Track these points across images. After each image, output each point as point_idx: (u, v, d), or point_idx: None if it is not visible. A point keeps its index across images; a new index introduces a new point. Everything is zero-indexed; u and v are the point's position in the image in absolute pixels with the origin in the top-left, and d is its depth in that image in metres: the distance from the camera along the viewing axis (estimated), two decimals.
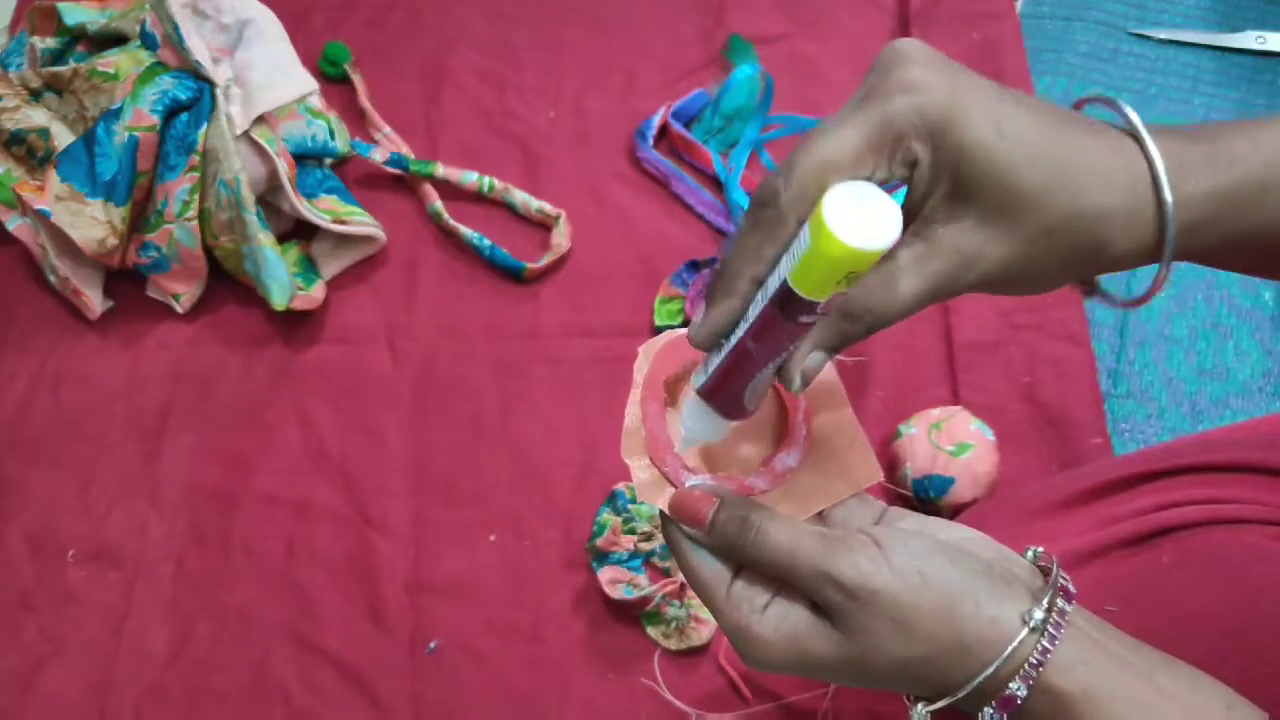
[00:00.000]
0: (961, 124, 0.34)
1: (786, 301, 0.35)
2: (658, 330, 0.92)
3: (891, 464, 0.85)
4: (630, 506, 0.84)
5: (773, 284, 0.36)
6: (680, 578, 0.81)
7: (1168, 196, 0.35)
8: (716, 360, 0.40)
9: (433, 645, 0.82)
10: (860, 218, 0.33)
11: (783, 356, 0.38)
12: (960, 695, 0.38)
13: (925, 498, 0.82)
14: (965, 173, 0.35)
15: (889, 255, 0.36)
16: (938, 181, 0.36)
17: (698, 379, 0.41)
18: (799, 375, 0.38)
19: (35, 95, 0.93)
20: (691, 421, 0.43)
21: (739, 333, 0.38)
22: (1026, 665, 0.37)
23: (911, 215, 0.37)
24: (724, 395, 0.41)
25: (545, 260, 0.95)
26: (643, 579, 0.82)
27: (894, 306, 0.37)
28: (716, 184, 0.99)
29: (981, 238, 0.36)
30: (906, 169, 0.35)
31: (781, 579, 0.39)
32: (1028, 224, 0.35)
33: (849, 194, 0.34)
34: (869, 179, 0.35)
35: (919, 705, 0.39)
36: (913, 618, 0.37)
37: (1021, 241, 0.36)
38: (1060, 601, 0.38)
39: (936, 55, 0.35)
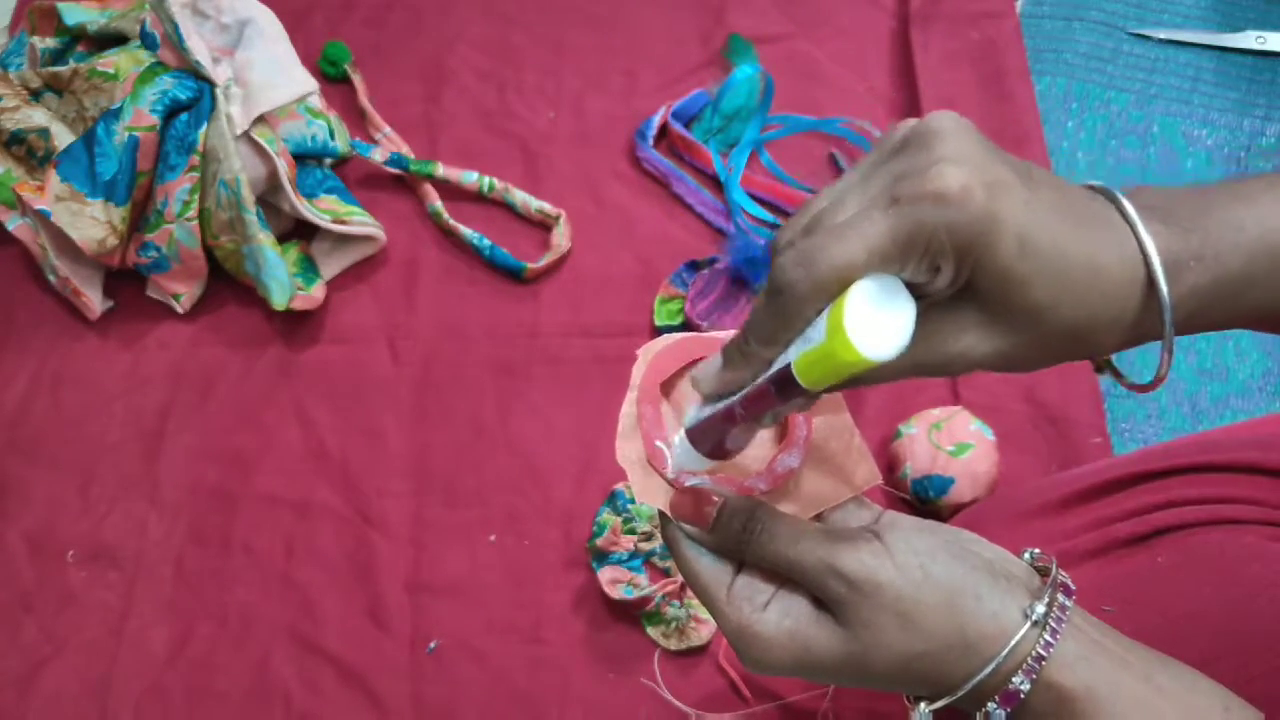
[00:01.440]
0: (989, 244, 0.33)
1: (785, 384, 0.36)
2: (658, 330, 0.92)
3: (891, 464, 0.85)
4: (630, 506, 0.84)
5: (776, 360, 0.36)
6: (680, 577, 0.81)
7: (1166, 301, 0.35)
8: (707, 412, 0.41)
9: (433, 645, 0.82)
10: (878, 322, 0.33)
11: (765, 416, 0.39)
12: (962, 693, 0.38)
13: (925, 498, 0.82)
14: (979, 284, 0.35)
15: None
16: (951, 286, 0.35)
17: (688, 420, 0.43)
18: (773, 416, 0.39)
19: (35, 95, 0.93)
20: (680, 454, 0.44)
21: (735, 395, 0.39)
22: (1029, 660, 0.37)
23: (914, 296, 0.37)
24: (706, 442, 0.42)
25: (545, 260, 0.95)
26: (643, 579, 0.82)
27: (877, 381, 0.37)
28: (716, 184, 0.99)
29: (977, 336, 0.36)
30: (928, 275, 0.35)
31: (785, 574, 0.39)
32: (1027, 331, 0.35)
33: (871, 293, 0.33)
34: None
35: (920, 705, 0.39)
36: (916, 612, 0.37)
37: (1016, 343, 0.36)
38: (1061, 597, 0.38)
39: (972, 143, 0.34)
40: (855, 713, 0.77)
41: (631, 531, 0.83)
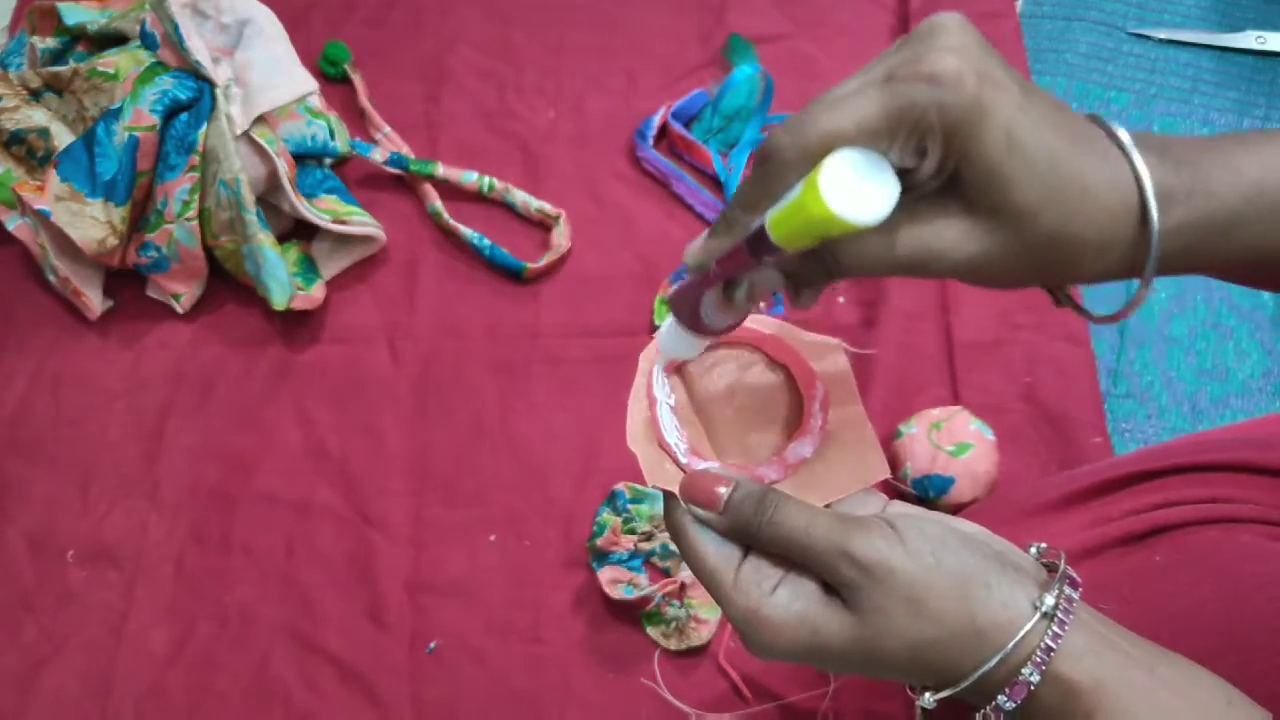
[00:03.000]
0: (976, 132, 0.34)
1: (758, 242, 0.36)
2: (658, 331, 0.92)
3: (891, 464, 0.85)
4: (630, 506, 0.84)
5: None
6: (681, 576, 0.81)
7: (1154, 227, 0.35)
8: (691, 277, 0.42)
9: (433, 645, 0.82)
10: (855, 187, 0.33)
11: (737, 279, 0.40)
12: (969, 682, 0.38)
13: (925, 498, 0.82)
14: (965, 176, 0.35)
15: None
16: (938, 174, 0.36)
17: (672, 289, 0.43)
18: (747, 285, 0.40)
19: (35, 95, 0.93)
20: (666, 339, 0.44)
21: None
22: (1038, 652, 0.37)
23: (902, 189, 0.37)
24: (683, 307, 0.42)
25: (545, 260, 0.95)
26: (643, 579, 0.82)
27: (856, 267, 0.37)
28: (716, 184, 0.99)
29: (962, 233, 0.36)
30: (914, 158, 0.35)
31: (796, 558, 0.39)
32: (1009, 235, 0.36)
33: (852, 160, 0.34)
34: None
35: (925, 694, 0.39)
36: (926, 597, 0.37)
37: (997, 247, 0.36)
38: (1068, 590, 0.38)
39: (972, 40, 0.35)
40: (855, 713, 0.77)
41: (631, 531, 0.83)
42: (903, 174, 0.35)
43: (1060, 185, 0.35)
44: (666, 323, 0.44)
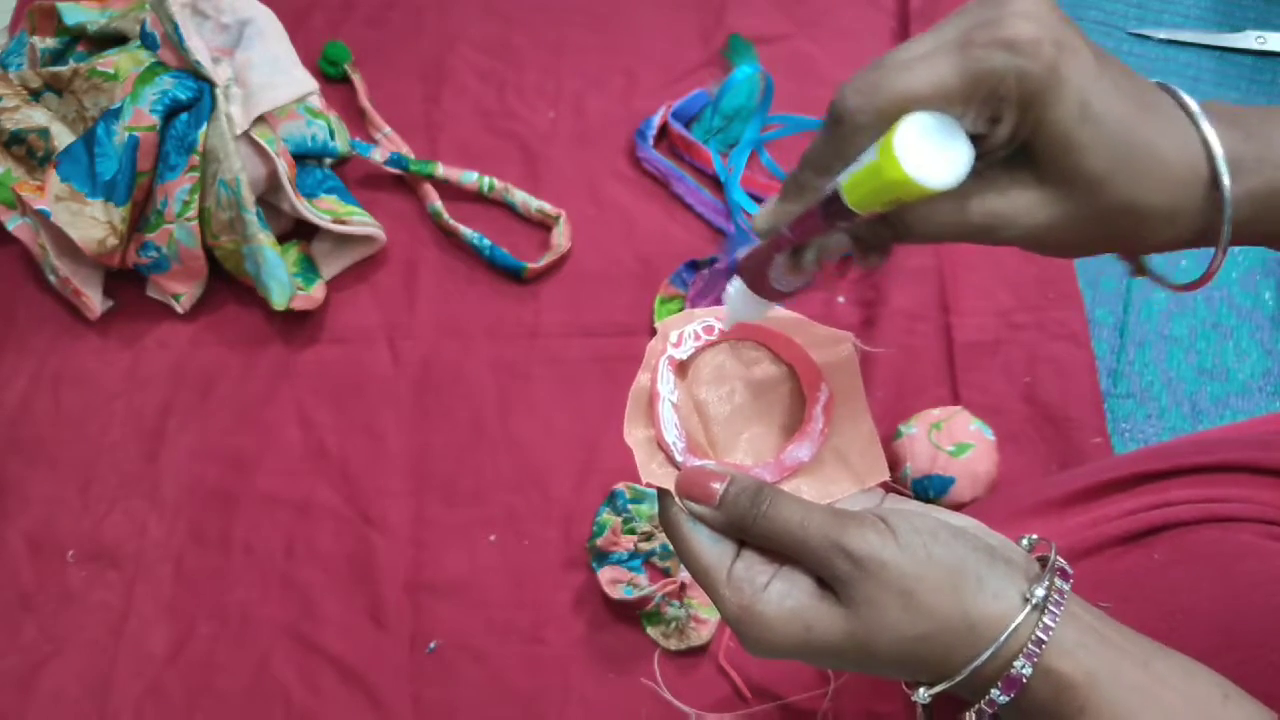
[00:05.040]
0: (1053, 100, 0.34)
1: (832, 206, 0.36)
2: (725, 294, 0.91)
3: (891, 464, 0.85)
4: (630, 506, 0.84)
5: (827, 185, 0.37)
6: (681, 576, 0.81)
7: (1226, 195, 0.36)
8: (758, 241, 0.41)
9: (433, 645, 0.82)
10: (930, 151, 0.33)
11: (808, 244, 0.40)
12: (962, 676, 0.38)
13: (925, 498, 0.82)
14: (1039, 143, 0.35)
15: None
16: (1010, 141, 0.36)
17: (740, 252, 0.43)
18: (817, 248, 0.40)
19: (35, 95, 0.93)
20: (733, 302, 0.44)
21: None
22: (1030, 644, 0.37)
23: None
24: (752, 270, 0.42)
25: (545, 260, 0.95)
26: (643, 579, 0.82)
27: (927, 232, 0.37)
28: (716, 184, 0.99)
29: (1032, 200, 0.36)
30: (987, 126, 0.35)
31: (790, 553, 0.39)
32: (1080, 203, 0.36)
33: (927, 124, 0.34)
34: None
35: (920, 689, 0.39)
36: (919, 590, 0.37)
37: (1069, 215, 0.36)
38: (1059, 581, 0.38)
39: (1047, 5, 0.35)
40: (855, 713, 0.77)
41: (631, 531, 0.83)
42: (974, 140, 0.35)
43: (1131, 153, 0.35)
44: (733, 286, 0.43)
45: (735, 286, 0.43)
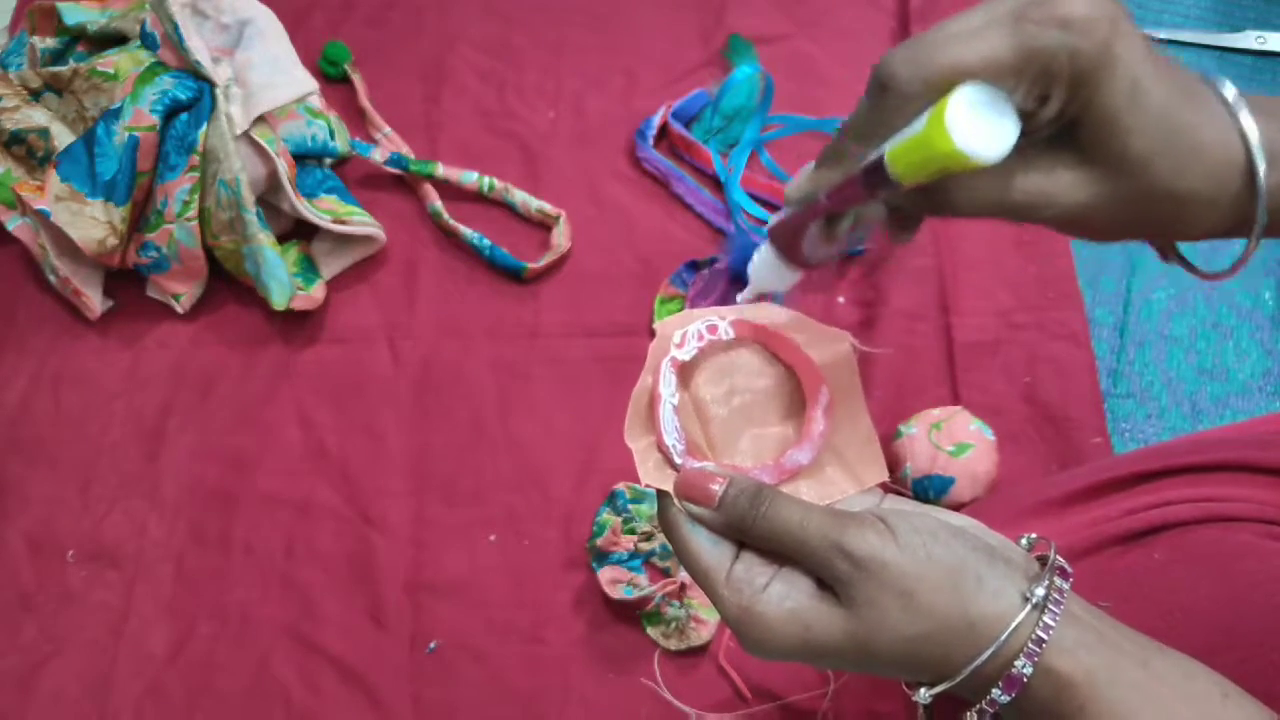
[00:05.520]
0: (1104, 81, 0.34)
1: (874, 175, 0.36)
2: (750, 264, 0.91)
3: (891, 464, 0.85)
4: (630, 506, 0.84)
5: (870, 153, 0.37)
6: (681, 576, 0.81)
7: (1262, 185, 0.36)
8: (791, 209, 0.41)
9: (433, 645, 0.82)
10: (979, 124, 0.33)
11: (844, 213, 0.39)
12: (963, 676, 0.38)
13: (925, 498, 0.82)
14: (1086, 124, 0.35)
15: None
16: (1057, 119, 0.36)
17: (772, 219, 0.42)
18: (854, 217, 0.40)
19: (35, 95, 0.93)
20: (760, 270, 0.44)
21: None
22: (1030, 643, 0.37)
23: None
24: (785, 237, 0.42)
25: (545, 260, 0.95)
26: (643, 579, 0.82)
27: (968, 207, 0.37)
28: (716, 184, 0.99)
29: (1074, 179, 0.36)
30: (1035, 103, 0.35)
31: (790, 553, 0.39)
32: (1122, 186, 0.36)
33: (977, 97, 0.33)
34: None
35: (921, 690, 0.39)
36: (919, 590, 0.37)
37: (1109, 198, 0.36)
38: (1058, 580, 0.38)
39: None
40: (855, 713, 0.77)
41: (631, 531, 0.83)
42: (1020, 116, 0.35)
43: (1175, 138, 0.35)
44: (760, 254, 0.43)
45: (763, 254, 0.43)
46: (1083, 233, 0.38)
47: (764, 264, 0.43)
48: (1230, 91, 0.36)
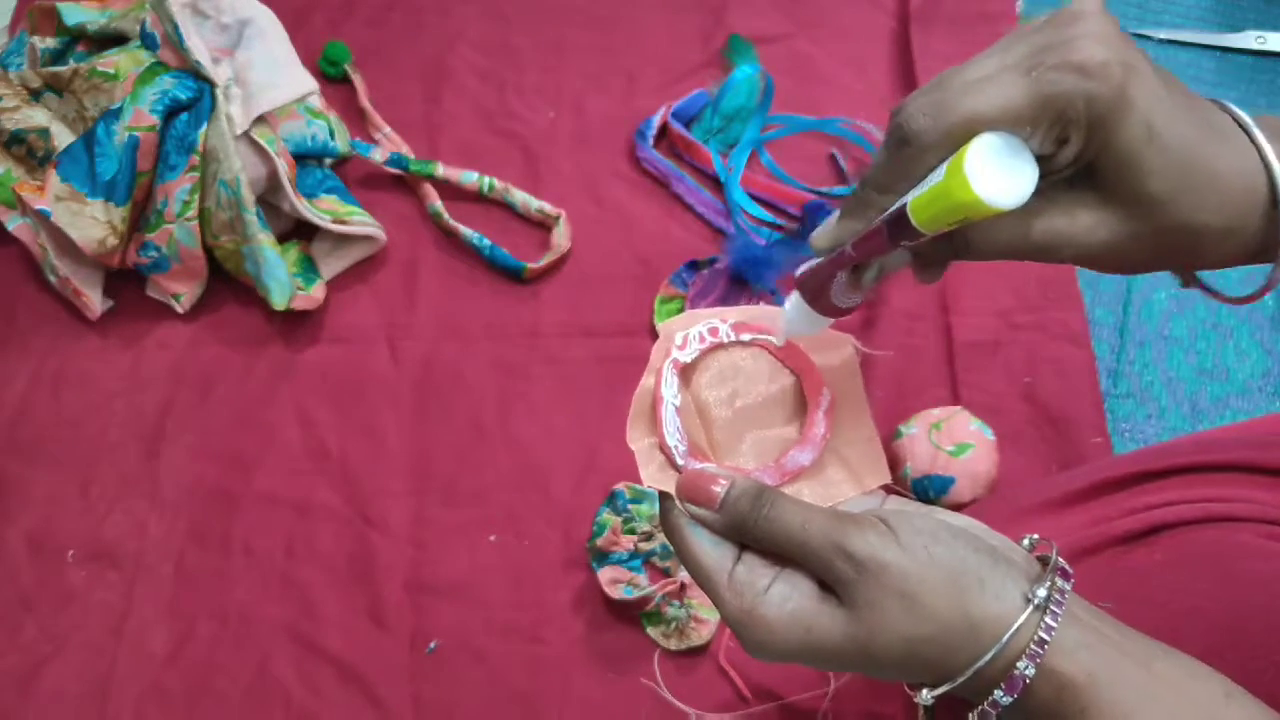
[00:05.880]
0: (1120, 124, 0.35)
1: (898, 225, 0.36)
2: (657, 332, 0.92)
3: (892, 464, 0.85)
4: (630, 506, 0.84)
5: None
6: (681, 576, 0.81)
7: None
8: (817, 260, 0.42)
9: (433, 645, 0.82)
10: (999, 173, 0.33)
11: (870, 262, 0.40)
12: (965, 677, 0.38)
13: (925, 498, 0.82)
14: (1104, 165, 0.36)
15: None
16: (1075, 162, 0.36)
17: (799, 270, 0.43)
18: (878, 267, 0.41)
19: (35, 95, 0.93)
20: (791, 318, 0.44)
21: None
22: (1032, 644, 0.37)
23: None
24: (813, 287, 0.42)
25: (545, 260, 0.95)
26: (643, 579, 0.82)
27: (990, 250, 0.38)
28: (716, 184, 0.99)
29: (1094, 220, 0.37)
30: (1053, 146, 0.36)
31: (791, 555, 0.39)
32: (1142, 224, 0.36)
33: (995, 145, 0.34)
34: None
35: (923, 691, 0.39)
36: (920, 592, 0.37)
37: (1129, 235, 0.37)
38: (1060, 581, 0.38)
39: (1114, 27, 0.35)
40: (855, 713, 0.77)
41: (631, 531, 0.83)
42: (1038, 160, 0.35)
43: (1193, 174, 0.35)
44: (790, 303, 0.44)
45: (793, 302, 0.44)
46: (1103, 269, 0.38)
47: (794, 313, 0.44)
48: (1248, 119, 0.37)
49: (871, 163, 0.38)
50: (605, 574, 0.81)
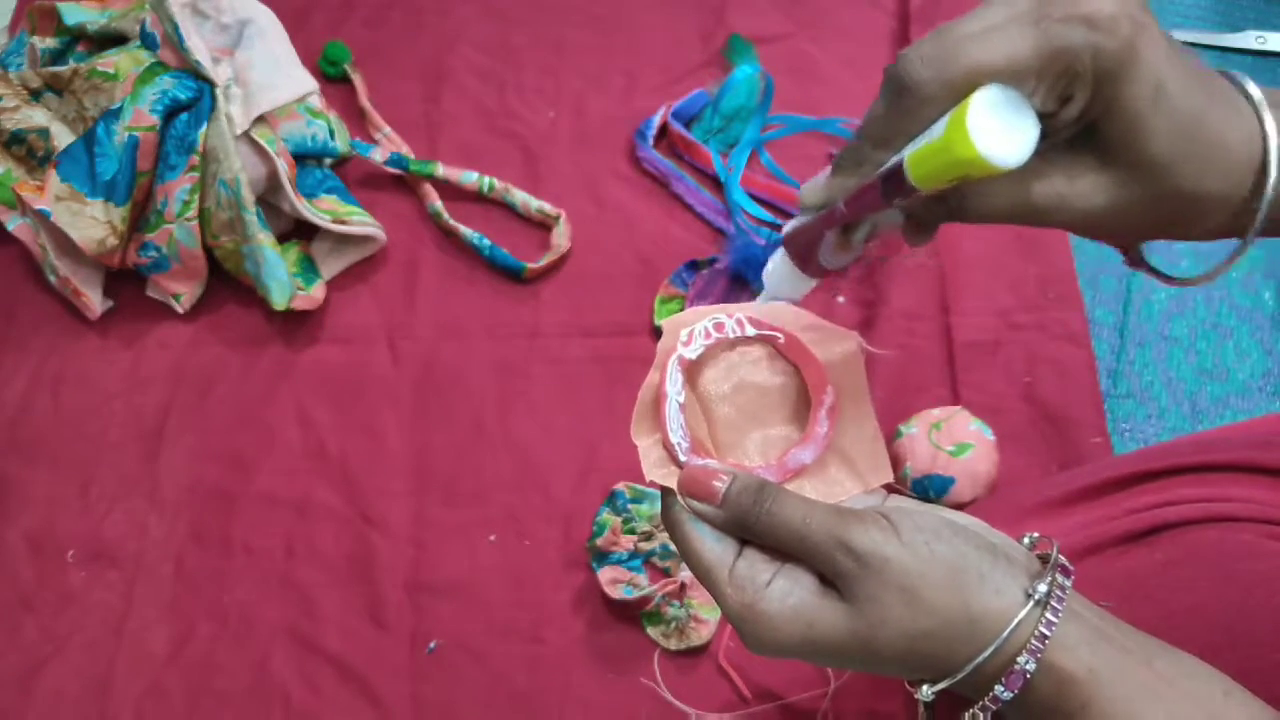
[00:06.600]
0: (1127, 79, 0.33)
1: (893, 182, 0.35)
2: (657, 331, 0.92)
3: (892, 464, 0.84)
4: (630, 506, 0.84)
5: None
6: (681, 576, 0.81)
7: (1270, 187, 0.35)
8: (807, 216, 0.40)
9: (433, 645, 0.82)
10: (1001, 129, 0.32)
11: (861, 220, 0.39)
12: (965, 673, 0.38)
13: (925, 498, 0.82)
14: (1107, 126, 0.35)
15: None
16: (1078, 121, 0.35)
17: (787, 226, 0.41)
18: (870, 225, 0.39)
19: (35, 95, 0.93)
20: (774, 278, 0.43)
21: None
22: (1032, 640, 0.37)
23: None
24: (800, 245, 0.41)
25: (545, 260, 0.95)
26: (643, 579, 0.82)
27: (986, 212, 0.37)
28: (716, 184, 0.99)
29: (1093, 184, 0.36)
30: (1057, 103, 0.35)
31: (793, 550, 0.39)
32: (1141, 188, 0.35)
33: (997, 100, 0.33)
34: None
35: (923, 687, 0.39)
36: (921, 587, 0.37)
37: (1128, 199, 0.36)
38: (1060, 578, 0.38)
39: None
40: (855, 713, 0.77)
41: (631, 531, 0.83)
42: (1041, 118, 0.34)
43: (1198, 139, 0.34)
44: (774, 262, 0.42)
45: (777, 262, 0.42)
46: (1096, 234, 0.37)
47: (778, 272, 0.42)
48: (1254, 89, 0.36)
49: (867, 115, 0.36)
50: (605, 574, 0.81)
